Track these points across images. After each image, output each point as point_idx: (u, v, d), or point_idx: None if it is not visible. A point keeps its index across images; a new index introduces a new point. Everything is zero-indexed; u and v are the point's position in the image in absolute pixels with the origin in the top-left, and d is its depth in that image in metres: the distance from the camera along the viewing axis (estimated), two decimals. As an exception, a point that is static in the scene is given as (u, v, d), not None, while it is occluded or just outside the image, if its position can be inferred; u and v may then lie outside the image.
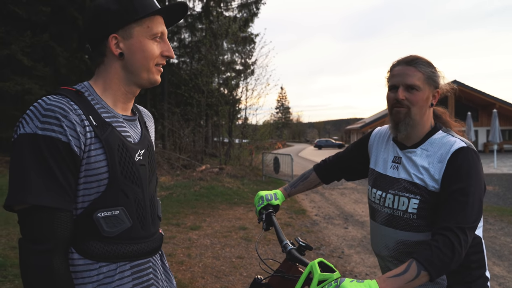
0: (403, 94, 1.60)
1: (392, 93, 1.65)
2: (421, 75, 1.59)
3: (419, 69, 1.59)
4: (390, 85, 1.66)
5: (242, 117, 19.51)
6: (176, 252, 5.60)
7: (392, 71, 1.67)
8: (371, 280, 1.27)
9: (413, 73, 1.59)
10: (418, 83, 1.58)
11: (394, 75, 1.64)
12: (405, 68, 1.61)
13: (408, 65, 1.61)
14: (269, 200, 1.96)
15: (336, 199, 10.85)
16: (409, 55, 1.65)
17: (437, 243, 1.36)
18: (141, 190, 1.28)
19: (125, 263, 1.23)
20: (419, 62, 1.61)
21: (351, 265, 5.22)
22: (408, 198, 1.59)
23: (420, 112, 1.62)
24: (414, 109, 1.60)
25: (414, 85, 1.58)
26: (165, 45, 1.32)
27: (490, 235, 6.75)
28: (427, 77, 1.60)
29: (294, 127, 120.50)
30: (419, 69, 1.59)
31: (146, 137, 1.39)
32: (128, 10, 1.23)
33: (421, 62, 1.61)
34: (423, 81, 1.59)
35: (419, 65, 1.60)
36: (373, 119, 39.26)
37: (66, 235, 1.13)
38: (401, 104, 1.61)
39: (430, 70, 1.60)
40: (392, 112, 1.66)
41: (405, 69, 1.61)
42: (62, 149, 1.11)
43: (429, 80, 1.60)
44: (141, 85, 1.33)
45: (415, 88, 1.59)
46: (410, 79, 1.59)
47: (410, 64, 1.61)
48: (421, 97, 1.59)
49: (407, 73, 1.60)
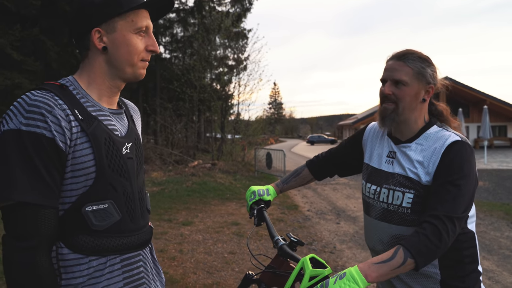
0: (389, 89, 1.60)
1: (382, 87, 1.65)
2: (409, 70, 1.58)
3: (408, 64, 1.58)
4: (381, 79, 1.66)
5: (234, 113, 19.50)
6: (168, 247, 5.58)
7: (386, 64, 1.67)
8: (352, 267, 1.26)
9: (401, 68, 1.58)
10: (405, 78, 1.57)
11: (385, 69, 1.65)
12: (395, 63, 1.61)
13: (398, 60, 1.60)
14: (261, 195, 1.95)
15: (328, 195, 10.88)
16: (403, 50, 1.64)
17: (424, 231, 1.35)
18: (129, 183, 1.27)
19: (115, 257, 1.23)
20: (410, 57, 1.59)
21: (343, 260, 5.24)
22: (403, 193, 1.59)
23: (409, 108, 1.61)
24: (402, 105, 1.59)
25: (401, 80, 1.58)
26: (150, 39, 1.30)
27: (480, 230, 6.82)
28: (417, 73, 1.58)
29: (287, 122, 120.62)
30: (408, 64, 1.58)
31: (133, 131, 1.38)
32: (112, 4, 1.21)
33: (412, 57, 1.60)
34: (412, 76, 1.58)
35: (409, 60, 1.59)
36: (365, 115, 39.38)
37: (50, 232, 1.12)
38: (389, 99, 1.61)
39: (420, 65, 1.59)
40: (381, 107, 1.67)
41: (395, 63, 1.61)
42: (47, 145, 1.10)
43: (419, 75, 1.59)
44: (125, 79, 1.32)
45: (402, 83, 1.58)
46: (397, 74, 1.58)
47: (400, 59, 1.60)
48: (408, 93, 1.58)
49: (395, 68, 1.59)
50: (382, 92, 1.64)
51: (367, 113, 41.22)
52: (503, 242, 6.16)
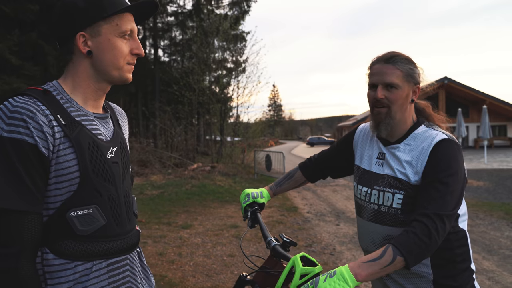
0: (382, 93, 1.59)
1: (372, 91, 1.63)
2: (399, 73, 1.57)
3: (397, 67, 1.57)
4: (370, 83, 1.64)
5: (234, 115, 19.52)
6: (167, 251, 5.57)
7: (371, 69, 1.65)
8: (343, 266, 1.27)
9: (391, 71, 1.57)
10: (397, 81, 1.57)
11: (373, 74, 1.63)
12: (384, 67, 1.59)
13: (387, 63, 1.59)
14: (255, 198, 1.96)
15: (328, 196, 10.87)
16: (387, 52, 1.64)
17: (414, 229, 1.35)
18: (114, 188, 1.26)
19: (101, 261, 1.22)
20: (397, 59, 1.59)
21: (343, 261, 5.22)
22: (393, 194, 1.59)
23: (401, 110, 1.61)
24: (394, 108, 1.59)
25: (393, 84, 1.57)
26: (135, 42, 1.30)
27: (480, 230, 6.80)
28: (406, 74, 1.58)
29: (287, 124, 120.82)
30: (397, 67, 1.57)
31: (118, 135, 1.37)
32: (96, 8, 1.21)
33: (399, 59, 1.59)
34: (402, 79, 1.58)
35: (397, 62, 1.58)
36: (365, 116, 39.39)
37: (34, 238, 1.11)
38: (381, 103, 1.60)
39: (408, 67, 1.59)
40: (373, 112, 1.66)
41: (383, 67, 1.59)
42: (29, 151, 1.09)
43: (408, 77, 1.59)
44: (112, 82, 1.31)
45: (394, 87, 1.57)
46: (388, 78, 1.57)
47: (388, 62, 1.59)
48: (400, 95, 1.58)
49: (385, 71, 1.58)
50: (373, 97, 1.62)
51: (366, 114, 41.24)
52: (503, 242, 6.14)
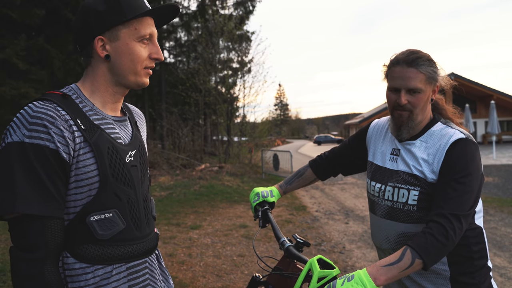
0: (405, 98, 1.56)
1: (393, 94, 1.60)
2: (423, 77, 1.54)
3: (420, 70, 1.54)
4: (391, 86, 1.61)
5: (240, 115, 19.49)
6: (177, 252, 5.58)
7: (392, 71, 1.60)
8: (361, 269, 1.26)
9: (415, 75, 1.54)
10: (420, 85, 1.54)
11: (395, 77, 1.58)
12: (407, 71, 1.55)
13: (410, 67, 1.55)
14: (265, 197, 1.95)
15: (336, 195, 10.84)
16: (409, 53, 1.58)
17: (431, 230, 1.35)
18: (133, 191, 1.27)
19: (121, 265, 1.23)
20: (420, 62, 1.55)
21: (353, 260, 5.21)
22: (408, 190, 1.58)
23: (422, 112, 1.60)
24: (416, 111, 1.58)
25: (416, 89, 1.54)
26: (154, 47, 1.30)
27: (491, 226, 6.75)
28: (428, 77, 1.56)
29: (293, 123, 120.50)
30: (420, 70, 1.54)
31: (137, 138, 1.37)
32: (115, 12, 1.21)
33: (422, 61, 1.55)
34: (425, 82, 1.55)
35: (420, 65, 1.54)
36: (372, 114, 39.22)
37: (57, 243, 1.13)
38: (403, 108, 1.58)
39: (431, 69, 1.56)
40: (394, 115, 1.64)
41: (407, 71, 1.55)
42: (50, 156, 1.10)
43: (430, 79, 1.57)
44: (128, 86, 1.32)
45: (418, 91, 1.55)
46: (412, 83, 1.54)
47: (411, 66, 1.54)
48: (422, 99, 1.57)
49: (409, 75, 1.54)
50: (395, 102, 1.59)
51: (373, 111, 41.07)
52: (514, 238, 6.09)
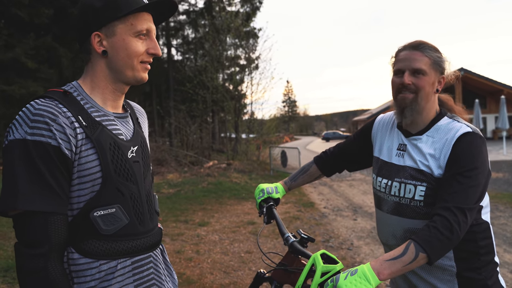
0: (409, 78, 1.57)
1: (397, 77, 1.62)
2: (427, 60, 1.57)
3: (425, 54, 1.57)
4: (396, 69, 1.63)
5: (248, 112, 19.51)
6: (185, 248, 5.60)
7: (397, 56, 1.65)
8: (364, 264, 1.25)
9: (419, 57, 1.57)
10: (424, 67, 1.56)
11: (400, 60, 1.62)
12: (412, 53, 1.59)
13: (415, 50, 1.59)
14: (270, 193, 1.95)
15: (344, 191, 10.81)
16: (415, 40, 1.63)
17: (435, 224, 1.33)
18: (136, 187, 1.28)
19: (126, 260, 1.24)
20: (426, 46, 1.59)
21: (361, 256, 5.19)
22: (415, 186, 1.56)
23: (426, 98, 1.59)
24: (421, 94, 1.58)
25: (420, 70, 1.56)
26: (151, 42, 1.29)
27: (501, 222, 6.68)
28: (433, 62, 1.58)
29: (301, 120, 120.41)
30: (425, 54, 1.57)
31: (138, 134, 1.38)
32: (111, 8, 1.21)
33: (428, 47, 1.59)
34: (430, 66, 1.57)
35: (425, 49, 1.58)
36: (380, 110, 39.01)
37: (61, 238, 1.14)
38: (408, 89, 1.59)
39: (436, 55, 1.59)
40: (397, 98, 1.63)
41: (411, 53, 1.59)
42: (52, 153, 1.11)
43: (435, 65, 1.58)
44: (127, 82, 1.31)
45: (422, 73, 1.56)
46: (416, 63, 1.56)
47: (416, 49, 1.59)
48: (427, 82, 1.57)
49: (413, 57, 1.58)
50: (399, 83, 1.61)
51: (382, 107, 40.87)
52: (525, 234, 6.02)
